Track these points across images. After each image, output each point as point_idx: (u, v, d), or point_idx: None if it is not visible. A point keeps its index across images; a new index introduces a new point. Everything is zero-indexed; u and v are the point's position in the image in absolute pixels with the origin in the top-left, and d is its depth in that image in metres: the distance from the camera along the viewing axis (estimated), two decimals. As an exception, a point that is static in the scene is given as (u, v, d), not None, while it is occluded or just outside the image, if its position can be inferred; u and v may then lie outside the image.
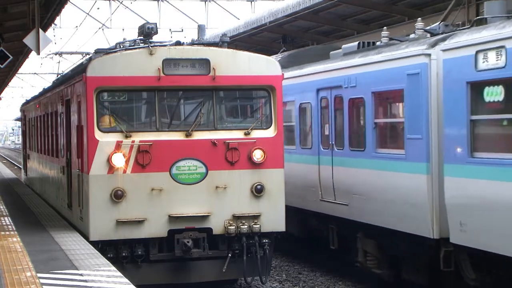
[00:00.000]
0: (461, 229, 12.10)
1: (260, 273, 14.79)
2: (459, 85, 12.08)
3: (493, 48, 11.36)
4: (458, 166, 12.15)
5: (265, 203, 14.83)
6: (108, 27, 40.16)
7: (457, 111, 12.14)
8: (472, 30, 12.39)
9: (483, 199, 11.61)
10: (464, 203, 12.09)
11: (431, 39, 13.66)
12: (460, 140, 12.09)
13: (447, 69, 12.49)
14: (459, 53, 12.16)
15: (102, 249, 14.08)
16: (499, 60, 11.23)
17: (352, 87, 15.61)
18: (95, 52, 16.03)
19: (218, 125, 14.94)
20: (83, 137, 14.80)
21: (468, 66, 11.85)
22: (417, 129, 13.33)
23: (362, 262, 15.78)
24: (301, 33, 27.78)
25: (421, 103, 13.21)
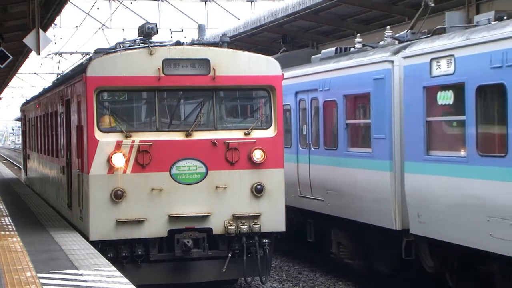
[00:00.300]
0: (419, 220, 13.28)
1: (260, 273, 14.79)
2: (417, 89, 13.31)
3: (444, 57, 12.61)
4: (416, 163, 13.39)
5: (265, 203, 14.83)
6: (108, 27, 40.18)
7: (415, 113, 13.36)
8: (428, 39, 13.59)
9: (437, 193, 12.81)
10: (421, 197, 13.26)
11: (395, 47, 14.78)
12: (417, 139, 13.29)
13: (407, 74, 13.72)
14: (417, 60, 13.40)
15: (102, 249, 14.08)
16: (449, 68, 12.49)
17: (326, 90, 16.83)
18: (95, 52, 16.03)
19: (218, 125, 14.94)
20: (83, 137, 14.80)
21: (424, 72, 13.08)
22: (381, 130, 14.47)
23: (336, 254, 17.04)
24: (301, 33, 27.78)
25: (385, 105, 14.36)
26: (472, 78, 11.87)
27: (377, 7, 22.68)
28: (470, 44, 11.95)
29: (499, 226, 11.18)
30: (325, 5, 22.36)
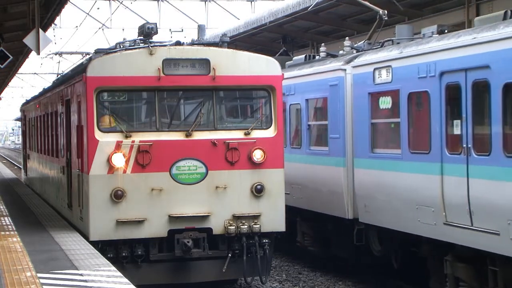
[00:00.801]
0: (366, 210, 15.33)
1: (260, 273, 14.79)
2: (363, 95, 15.36)
3: (384, 67, 14.66)
4: (363, 160, 15.43)
5: (265, 203, 14.83)
6: (108, 27, 40.16)
7: (363, 115, 15.41)
8: (374, 51, 15.61)
9: (379, 185, 14.82)
10: (367, 189, 15.31)
11: (348, 56, 16.61)
12: (364, 139, 15.36)
13: (355, 81, 15.75)
14: (363, 69, 15.40)
15: (102, 249, 14.08)
16: (388, 77, 14.54)
17: (292, 94, 18.70)
18: (95, 52, 16.03)
19: (218, 125, 14.94)
20: (83, 137, 14.80)
21: (369, 80, 15.10)
22: (336, 130, 16.31)
23: (301, 241, 18.87)
24: (301, 33, 27.78)
25: (339, 109, 16.21)
26: (405, 86, 13.92)
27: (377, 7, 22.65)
28: (403, 57, 13.99)
29: (424, 213, 13.17)
30: (325, 5, 22.34)
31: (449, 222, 12.51)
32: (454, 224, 12.38)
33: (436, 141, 12.89)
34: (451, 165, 12.50)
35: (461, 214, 12.18)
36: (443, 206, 12.65)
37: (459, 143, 12.30)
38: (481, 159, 11.74)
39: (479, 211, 11.75)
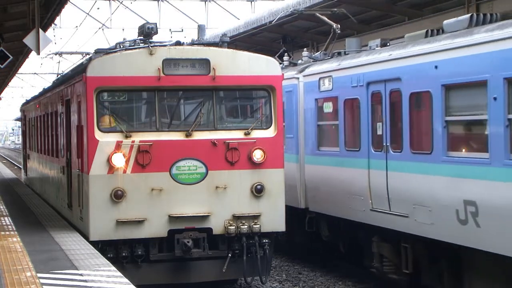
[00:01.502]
0: (314, 200, 17.75)
1: (260, 273, 14.80)
2: (312, 100, 17.77)
3: (326, 77, 17.08)
4: (312, 156, 17.83)
5: (265, 203, 14.84)
6: (108, 27, 40.19)
7: (311, 118, 17.83)
8: (320, 62, 18.02)
9: (324, 178, 17.22)
10: (315, 182, 17.67)
11: (301, 66, 18.84)
12: (312, 138, 17.78)
13: (306, 89, 18.10)
14: (312, 78, 17.81)
15: (102, 249, 14.08)
16: (330, 85, 16.94)
17: None
18: (95, 52, 16.03)
19: (218, 125, 14.94)
20: (83, 137, 14.80)
21: (316, 88, 17.55)
22: (291, 130, 18.56)
23: None
24: (301, 33, 27.78)
25: (293, 112, 18.47)
26: (342, 93, 16.39)
27: (377, 7, 22.68)
28: (341, 68, 16.44)
29: (357, 201, 15.72)
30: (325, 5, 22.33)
31: (374, 208, 15.10)
32: (378, 210, 14.96)
33: (364, 140, 15.40)
34: (375, 161, 15.03)
35: (382, 201, 14.78)
36: (369, 195, 15.23)
37: (381, 141, 14.85)
38: (396, 155, 14.36)
39: (394, 199, 14.39)
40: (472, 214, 12.21)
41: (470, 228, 12.25)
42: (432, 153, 13.19)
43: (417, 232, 13.68)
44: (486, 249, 11.98)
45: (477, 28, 12.62)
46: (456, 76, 12.61)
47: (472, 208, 12.20)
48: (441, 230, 12.88)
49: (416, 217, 13.65)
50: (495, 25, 12.19)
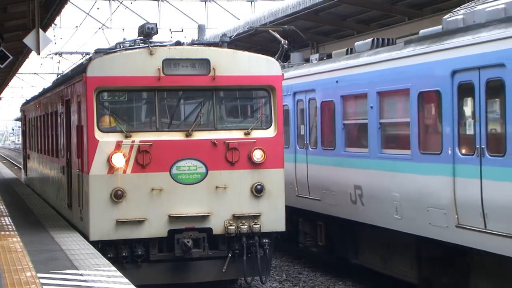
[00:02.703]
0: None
1: (260, 273, 14.80)
2: None
3: None
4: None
5: (265, 203, 14.84)
6: (108, 27, 40.17)
7: None
8: None
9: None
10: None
11: None
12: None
13: None
14: None
15: (102, 249, 14.07)
16: None
17: None
18: (95, 52, 16.02)
19: (218, 125, 14.94)
20: (83, 137, 14.80)
21: None
22: None
23: None
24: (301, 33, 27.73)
25: None
26: None
27: (377, 7, 22.68)
28: None
29: (290, 190, 18.18)
30: (325, 5, 22.35)
31: (299, 195, 18.21)
32: (301, 196, 18.16)
33: (292, 139, 18.71)
34: (299, 156, 18.32)
35: (304, 188, 17.95)
36: (296, 183, 18.41)
37: (303, 140, 18.15)
38: (312, 151, 17.68)
39: (312, 186, 17.65)
40: (359, 196, 15.55)
41: (358, 207, 15.58)
42: (335, 149, 16.60)
43: (326, 212, 17.07)
44: (369, 222, 15.21)
45: (364, 52, 15.83)
46: (349, 89, 16.00)
47: (359, 191, 15.53)
48: (341, 210, 15.90)
49: (325, 200, 17.06)
50: (372, 52, 15.46)
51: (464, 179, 12.20)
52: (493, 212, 11.50)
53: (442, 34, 13.18)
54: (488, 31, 11.76)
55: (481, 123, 11.81)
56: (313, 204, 17.60)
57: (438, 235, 12.79)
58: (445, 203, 12.60)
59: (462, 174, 12.24)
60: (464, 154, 12.23)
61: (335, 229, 17.27)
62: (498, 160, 11.35)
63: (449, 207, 12.47)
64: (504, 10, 11.90)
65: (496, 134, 11.65)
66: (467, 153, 12.15)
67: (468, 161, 12.06)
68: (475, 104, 11.90)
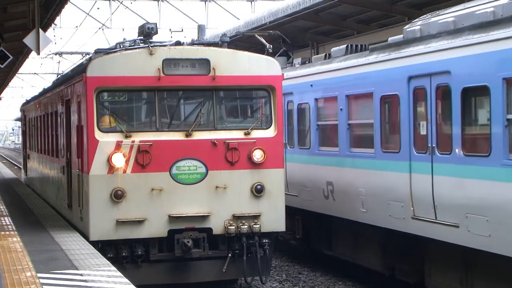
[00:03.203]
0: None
1: (260, 273, 14.80)
2: None
3: None
4: None
5: (265, 203, 14.84)
6: (108, 27, 40.15)
7: None
8: None
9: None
10: None
11: None
12: None
13: None
14: None
15: (102, 249, 14.07)
16: None
17: None
18: (95, 52, 16.02)
19: (218, 125, 14.94)
20: (83, 137, 14.80)
21: None
22: None
23: None
24: (301, 33, 27.76)
25: None
26: None
27: (377, 7, 22.66)
28: None
29: None
30: (325, 5, 22.34)
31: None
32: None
33: None
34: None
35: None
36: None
37: None
38: (289, 150, 18.94)
39: (290, 183, 18.75)
40: (331, 191, 16.74)
41: (330, 201, 16.79)
42: (310, 148, 17.81)
43: (303, 207, 18.26)
44: (340, 216, 16.43)
45: (336, 58, 16.91)
46: (322, 92, 17.18)
47: (331, 187, 16.75)
48: (315, 204, 16.71)
49: (302, 196, 18.26)
50: (342, 58, 16.50)
51: (418, 174, 13.44)
52: (442, 204, 12.74)
53: (402, 43, 14.37)
54: (438, 42, 13.03)
55: (432, 125, 13.02)
56: (291, 200, 18.41)
57: (398, 226, 14.05)
58: (403, 197, 13.88)
59: (417, 170, 13.49)
60: (418, 152, 13.46)
61: (311, 223, 18.66)
62: (446, 157, 12.61)
63: (406, 201, 13.77)
64: (453, 23, 13.12)
65: (444, 134, 12.80)
66: (421, 151, 13.39)
67: (422, 159, 13.32)
68: (427, 107, 13.17)
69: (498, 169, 11.41)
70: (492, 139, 11.50)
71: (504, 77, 11.27)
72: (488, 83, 11.56)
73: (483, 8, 12.42)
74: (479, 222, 11.77)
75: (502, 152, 11.29)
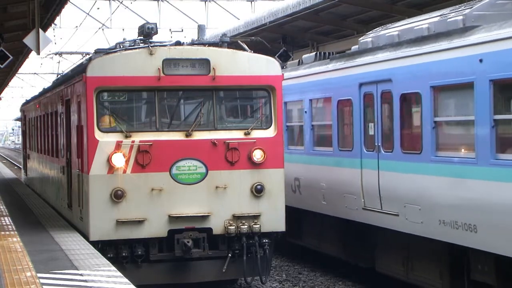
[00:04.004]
0: None
1: (260, 273, 14.80)
2: None
3: None
4: None
5: (265, 203, 14.84)
6: (108, 27, 40.15)
7: None
8: None
9: None
10: None
11: None
12: None
13: None
14: None
15: (102, 249, 14.07)
16: None
17: None
18: (95, 52, 16.01)
19: (218, 125, 14.94)
20: (83, 137, 14.80)
21: None
22: None
23: None
24: (301, 33, 27.78)
25: None
26: None
27: (377, 7, 22.68)
28: None
29: None
30: (325, 5, 22.34)
31: None
32: None
33: None
34: None
35: None
36: None
37: None
38: None
39: None
40: (297, 186, 18.27)
41: (297, 195, 18.25)
42: None
43: None
44: (306, 208, 17.91)
45: (304, 65, 18.59)
46: (290, 96, 18.59)
47: (297, 182, 18.26)
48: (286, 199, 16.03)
49: None
50: (307, 65, 18.22)
51: (368, 170, 15.10)
52: (386, 196, 14.45)
53: (355, 53, 16.04)
54: (383, 53, 14.70)
55: (378, 126, 14.73)
56: None
57: (352, 216, 15.73)
58: (355, 190, 15.55)
59: (367, 166, 15.16)
60: (368, 150, 15.15)
61: None
62: (389, 154, 14.33)
63: (358, 193, 15.43)
64: (398, 36, 14.79)
65: (387, 134, 14.48)
66: (369, 149, 15.09)
67: (370, 156, 15.04)
68: (374, 111, 14.88)
69: (427, 164, 13.12)
70: (423, 139, 13.22)
71: (432, 85, 12.98)
72: (420, 90, 13.31)
73: (421, 24, 14.12)
74: (414, 211, 13.50)
75: (430, 150, 13.04)
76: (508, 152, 11.40)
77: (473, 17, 12.77)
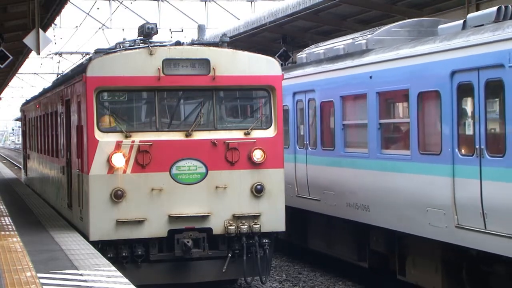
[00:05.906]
0: None
1: (260, 273, 14.80)
2: None
3: None
4: None
5: (265, 203, 14.84)
6: (108, 27, 40.13)
7: None
8: None
9: None
10: None
11: None
12: None
13: None
14: None
15: (102, 249, 14.08)
16: None
17: None
18: (95, 52, 16.01)
19: (218, 125, 14.94)
20: (83, 137, 14.81)
21: None
22: None
23: None
24: (301, 33, 27.77)
25: None
26: None
27: (377, 7, 22.67)
28: None
29: None
30: (326, 5, 22.34)
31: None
32: None
33: None
34: None
35: None
36: None
37: None
38: None
39: None
40: None
41: None
42: None
43: None
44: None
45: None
46: None
47: None
48: None
49: None
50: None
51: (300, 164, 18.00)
52: (312, 185, 17.72)
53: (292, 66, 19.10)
54: (310, 67, 18.00)
55: (306, 126, 17.60)
56: None
57: (288, 202, 16.86)
58: (292, 181, 18.44)
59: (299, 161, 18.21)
60: (300, 148, 18.12)
61: None
62: (313, 151, 17.34)
63: (293, 183, 18.46)
64: (324, 54, 18.03)
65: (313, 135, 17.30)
66: (301, 147, 17.98)
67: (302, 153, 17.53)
68: (304, 115, 18.13)
69: (339, 158, 16.39)
70: (336, 138, 16.66)
71: (341, 95, 16.37)
72: (333, 99, 16.63)
73: (339, 45, 17.32)
74: (330, 196, 16.81)
75: (341, 147, 16.38)
76: (389, 148, 14.76)
77: (373, 41, 15.93)
